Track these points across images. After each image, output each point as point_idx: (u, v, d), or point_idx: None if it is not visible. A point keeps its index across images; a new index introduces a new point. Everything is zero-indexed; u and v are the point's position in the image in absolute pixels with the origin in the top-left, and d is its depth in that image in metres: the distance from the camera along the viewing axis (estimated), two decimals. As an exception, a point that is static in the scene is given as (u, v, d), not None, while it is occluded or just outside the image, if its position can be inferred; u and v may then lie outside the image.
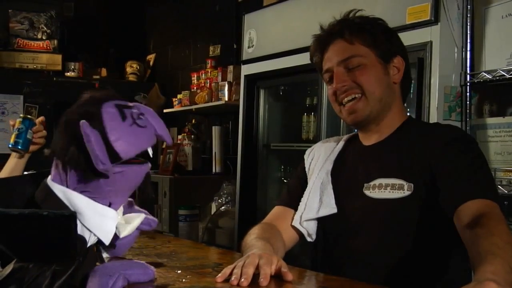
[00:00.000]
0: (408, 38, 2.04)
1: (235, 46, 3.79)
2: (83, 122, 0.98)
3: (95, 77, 4.76)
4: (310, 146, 2.67)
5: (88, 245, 1.05)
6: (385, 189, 1.36)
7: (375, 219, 1.38)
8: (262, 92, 2.99)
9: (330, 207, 1.47)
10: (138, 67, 4.95)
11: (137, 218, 1.17)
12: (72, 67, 4.65)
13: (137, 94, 4.78)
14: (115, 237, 1.12)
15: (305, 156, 1.68)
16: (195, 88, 3.92)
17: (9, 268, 1.00)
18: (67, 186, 1.04)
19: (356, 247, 1.40)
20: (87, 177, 1.02)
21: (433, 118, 1.95)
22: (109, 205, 1.06)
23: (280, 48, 2.70)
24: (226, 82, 3.53)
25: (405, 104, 1.57)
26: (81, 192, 1.04)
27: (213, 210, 3.27)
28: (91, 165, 0.99)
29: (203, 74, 3.88)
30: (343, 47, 1.44)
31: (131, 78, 4.92)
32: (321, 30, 1.51)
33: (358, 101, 1.43)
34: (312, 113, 2.79)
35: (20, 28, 4.58)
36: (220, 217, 3.21)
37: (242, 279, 1.10)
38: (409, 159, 1.37)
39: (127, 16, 5.22)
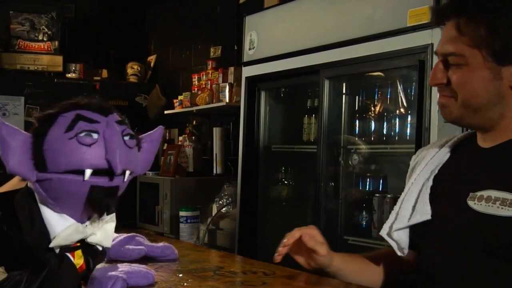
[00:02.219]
0: (409, 41, 2.05)
1: (236, 48, 3.79)
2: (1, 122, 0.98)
3: (96, 78, 4.77)
4: (310, 148, 2.71)
5: (58, 250, 1.04)
6: (494, 203, 1.13)
7: (473, 236, 1.16)
8: (263, 94, 2.99)
9: (423, 213, 1.27)
10: (139, 68, 4.95)
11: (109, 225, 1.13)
12: (73, 68, 4.65)
13: (138, 95, 4.79)
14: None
15: (410, 162, 1.46)
16: (196, 89, 3.93)
17: None
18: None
19: (445, 266, 1.21)
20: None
21: (434, 121, 1.94)
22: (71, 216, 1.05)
23: (281, 50, 2.70)
24: (227, 84, 3.53)
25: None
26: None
27: (214, 211, 3.27)
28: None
29: (204, 76, 3.88)
30: (450, 37, 1.20)
31: (132, 79, 4.92)
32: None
33: (450, 101, 1.22)
34: (313, 115, 2.79)
35: (21, 29, 4.58)
36: (221, 218, 3.21)
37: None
38: None
39: (128, 17, 5.22)
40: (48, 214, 1.02)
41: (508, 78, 1.17)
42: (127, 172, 1.01)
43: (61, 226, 1.02)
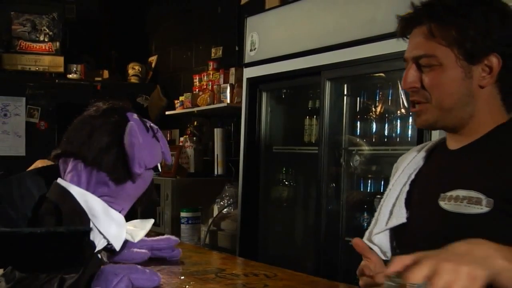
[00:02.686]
0: (410, 42, 2.05)
1: (237, 48, 3.79)
2: (132, 124, 1.00)
3: (97, 79, 4.77)
4: (312, 149, 2.71)
5: (97, 249, 1.06)
6: (461, 202, 1.17)
7: (443, 235, 1.17)
8: (264, 95, 2.99)
9: (399, 217, 1.32)
10: (140, 69, 4.96)
11: (148, 223, 1.18)
12: (74, 69, 4.65)
13: (139, 96, 4.79)
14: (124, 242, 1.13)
15: (393, 169, 1.50)
16: (197, 90, 3.93)
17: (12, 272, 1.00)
18: (86, 189, 1.05)
19: None
20: (119, 180, 1.04)
21: (436, 122, 1.94)
22: (120, 211, 1.07)
23: (282, 51, 2.70)
24: (228, 84, 3.53)
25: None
26: (100, 196, 1.04)
27: (215, 212, 3.27)
28: (126, 167, 1.01)
29: (205, 76, 3.88)
30: (419, 41, 1.23)
31: (133, 80, 4.92)
32: (411, 8, 1.29)
33: (423, 106, 1.25)
34: (314, 116, 2.79)
35: (23, 30, 4.58)
36: (222, 219, 3.21)
37: None
38: (494, 170, 1.17)
39: (129, 18, 5.22)
40: (110, 217, 1.06)
41: (477, 77, 1.21)
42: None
43: (119, 225, 1.07)
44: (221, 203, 3.29)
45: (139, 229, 1.16)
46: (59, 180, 1.07)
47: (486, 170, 1.18)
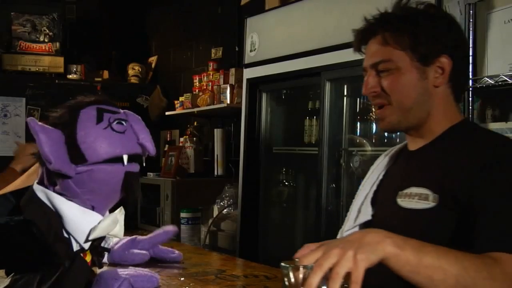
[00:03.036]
0: (410, 43, 2.05)
1: (237, 49, 3.79)
2: (30, 119, 0.99)
3: (97, 79, 4.77)
4: (311, 150, 2.70)
5: (76, 249, 1.04)
6: (413, 198, 1.28)
7: (401, 230, 1.27)
8: (264, 96, 2.99)
9: (365, 214, 1.43)
10: (140, 70, 4.95)
11: (116, 212, 1.13)
12: (74, 69, 4.65)
13: (139, 97, 4.79)
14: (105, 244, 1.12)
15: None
16: (197, 90, 3.92)
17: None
18: (46, 187, 1.05)
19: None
20: (51, 176, 1.02)
21: (436, 123, 1.94)
22: (93, 209, 1.05)
23: (282, 52, 2.70)
24: (228, 85, 3.53)
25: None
26: (60, 194, 1.03)
27: (215, 213, 3.27)
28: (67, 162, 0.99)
29: (205, 77, 3.88)
30: (375, 49, 1.34)
31: (133, 80, 4.92)
32: (364, 22, 1.40)
33: (386, 109, 1.35)
34: (314, 117, 2.79)
35: (23, 30, 4.58)
36: (222, 220, 3.21)
37: None
38: (441, 168, 1.27)
39: (129, 19, 5.22)
40: (69, 211, 1.03)
41: (431, 78, 1.32)
42: (143, 158, 1.05)
43: (86, 222, 1.03)
44: (221, 203, 3.28)
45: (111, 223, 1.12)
46: (33, 185, 1.07)
47: (435, 168, 1.28)
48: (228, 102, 3.48)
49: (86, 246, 1.04)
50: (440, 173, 1.26)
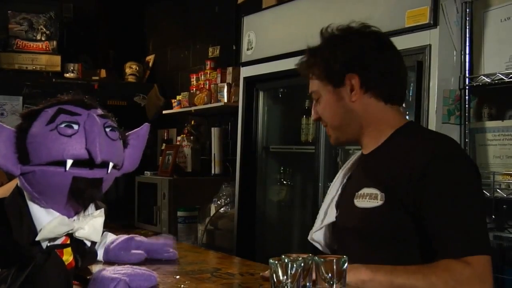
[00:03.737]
0: (407, 42, 2.05)
1: (234, 48, 3.78)
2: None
3: (94, 78, 4.76)
4: (308, 149, 2.70)
5: (49, 244, 1.04)
6: (365, 198, 1.41)
7: (359, 228, 1.43)
8: (261, 94, 2.99)
9: (330, 216, 1.55)
10: (137, 68, 4.95)
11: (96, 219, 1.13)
12: (71, 68, 4.65)
13: (136, 95, 4.78)
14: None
15: None
16: (194, 89, 3.92)
17: None
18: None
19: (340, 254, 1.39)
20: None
21: (432, 121, 1.95)
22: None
23: (279, 51, 2.70)
24: (225, 84, 3.53)
25: (403, 106, 1.58)
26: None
27: (212, 211, 3.27)
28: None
29: (202, 76, 3.88)
30: (310, 81, 1.54)
31: (130, 79, 4.92)
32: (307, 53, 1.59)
33: (328, 129, 1.55)
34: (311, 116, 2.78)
35: (20, 29, 4.58)
36: (220, 218, 3.21)
37: None
38: (386, 169, 1.40)
39: (127, 17, 5.21)
40: (36, 210, 1.03)
41: (347, 96, 1.46)
42: (110, 164, 1.02)
43: (47, 221, 1.03)
44: (218, 202, 3.28)
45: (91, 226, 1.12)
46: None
47: (382, 169, 1.42)
48: (226, 100, 3.48)
49: (44, 245, 1.04)
50: (386, 175, 1.39)
